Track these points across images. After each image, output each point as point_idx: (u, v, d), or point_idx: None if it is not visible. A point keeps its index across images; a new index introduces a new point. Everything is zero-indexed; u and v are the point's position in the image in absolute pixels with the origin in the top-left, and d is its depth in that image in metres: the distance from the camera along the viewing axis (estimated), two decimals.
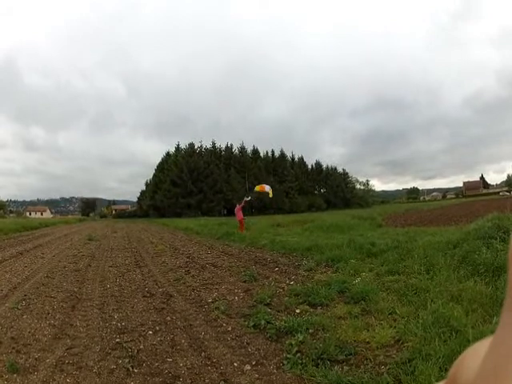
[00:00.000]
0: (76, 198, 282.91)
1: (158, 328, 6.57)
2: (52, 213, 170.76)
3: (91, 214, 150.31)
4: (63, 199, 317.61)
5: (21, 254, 17.84)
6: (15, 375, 4.88)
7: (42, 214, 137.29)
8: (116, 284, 10.39)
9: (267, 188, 28.68)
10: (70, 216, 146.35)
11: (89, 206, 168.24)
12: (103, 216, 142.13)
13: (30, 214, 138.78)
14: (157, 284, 10.22)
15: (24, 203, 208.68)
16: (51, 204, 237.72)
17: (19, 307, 8.03)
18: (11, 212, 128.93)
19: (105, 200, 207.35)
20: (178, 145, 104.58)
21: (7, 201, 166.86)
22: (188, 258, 15.08)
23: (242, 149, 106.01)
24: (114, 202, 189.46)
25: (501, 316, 0.36)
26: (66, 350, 5.70)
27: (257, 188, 28.68)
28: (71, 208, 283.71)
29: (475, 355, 0.40)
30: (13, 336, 6.32)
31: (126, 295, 9.07)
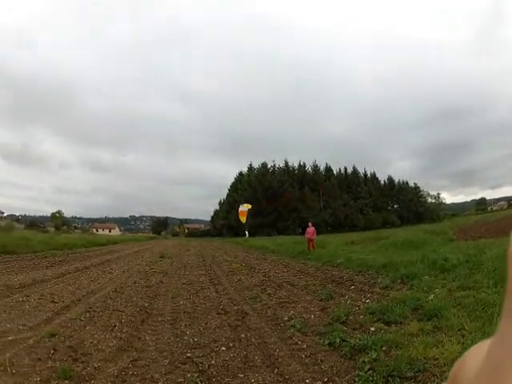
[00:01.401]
0: (146, 217, 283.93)
1: (231, 344, 6.57)
2: (121, 230, 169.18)
3: (163, 233, 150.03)
4: (133, 217, 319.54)
5: (87, 268, 18.03)
6: (67, 381, 5.03)
7: (110, 231, 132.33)
8: (189, 301, 10.41)
9: (241, 208, 28.98)
10: (140, 234, 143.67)
11: (160, 225, 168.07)
12: (175, 234, 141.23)
13: (97, 230, 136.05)
14: (232, 302, 10.19)
15: (90, 220, 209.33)
16: (120, 222, 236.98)
17: (82, 318, 8.17)
18: (76, 228, 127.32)
19: (176, 219, 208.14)
20: (251, 164, 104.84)
21: (71, 217, 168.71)
22: (264, 276, 15.06)
23: (315, 167, 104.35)
24: (186, 221, 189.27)
25: (501, 317, 0.39)
26: (131, 361, 5.79)
27: (242, 219, 28.95)
28: (141, 226, 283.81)
29: (476, 356, 0.42)
30: (71, 345, 6.42)
31: (200, 312, 9.09)
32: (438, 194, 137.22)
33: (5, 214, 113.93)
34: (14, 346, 6.22)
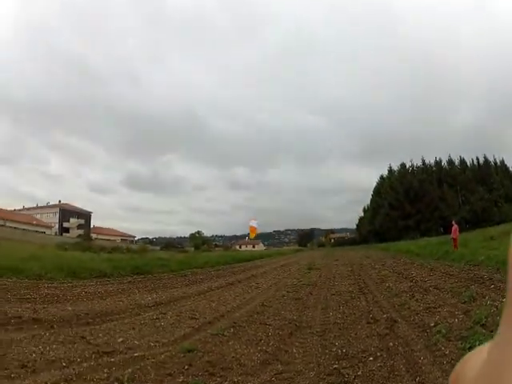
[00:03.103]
0: (291, 230, 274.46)
1: (378, 354, 6.56)
2: (265, 245, 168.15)
3: (308, 244, 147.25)
4: (277, 232, 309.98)
5: (231, 284, 18.07)
6: None
7: (253, 247, 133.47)
8: (339, 311, 10.46)
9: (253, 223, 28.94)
10: (285, 247, 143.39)
11: (305, 237, 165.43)
12: (321, 245, 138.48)
13: (240, 247, 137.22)
14: (381, 310, 10.23)
15: (233, 238, 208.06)
16: (264, 237, 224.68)
17: (225, 334, 8.21)
18: (216, 246, 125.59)
19: (322, 230, 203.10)
20: (391, 167, 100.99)
21: (211, 236, 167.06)
22: (411, 281, 15.02)
23: (450, 161, 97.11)
24: (332, 231, 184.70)
25: (501, 320, 0.40)
26: (275, 375, 5.78)
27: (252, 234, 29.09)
28: (286, 240, 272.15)
29: (476, 360, 0.44)
30: (209, 360, 6.41)
31: (349, 322, 9.11)
32: None
33: (136, 238, 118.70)
34: (140, 362, 6.22)
